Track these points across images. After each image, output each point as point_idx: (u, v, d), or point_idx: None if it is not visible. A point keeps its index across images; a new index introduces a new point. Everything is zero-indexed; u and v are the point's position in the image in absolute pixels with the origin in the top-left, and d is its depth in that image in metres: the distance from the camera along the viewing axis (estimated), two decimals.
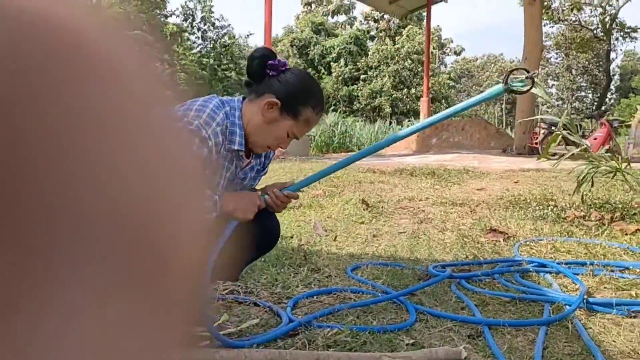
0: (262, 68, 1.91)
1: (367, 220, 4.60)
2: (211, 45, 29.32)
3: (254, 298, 2.57)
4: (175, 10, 30.98)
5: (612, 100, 44.45)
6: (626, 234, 3.84)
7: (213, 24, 30.07)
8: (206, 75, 26.29)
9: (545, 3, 28.95)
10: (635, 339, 2.08)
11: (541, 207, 4.95)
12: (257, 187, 2.18)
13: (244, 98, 2.00)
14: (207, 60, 29.32)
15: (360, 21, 41.04)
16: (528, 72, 1.90)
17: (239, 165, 1.98)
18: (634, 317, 2.32)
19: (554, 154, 12.33)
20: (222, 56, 28.81)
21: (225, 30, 29.97)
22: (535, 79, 1.86)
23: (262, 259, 3.15)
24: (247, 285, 2.77)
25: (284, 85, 1.92)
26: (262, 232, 2.10)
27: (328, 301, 2.57)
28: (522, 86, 1.89)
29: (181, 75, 25.57)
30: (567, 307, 2.39)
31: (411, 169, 8.48)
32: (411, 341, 2.06)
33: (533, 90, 1.88)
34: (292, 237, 3.86)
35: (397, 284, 2.83)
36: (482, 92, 2.18)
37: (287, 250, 3.47)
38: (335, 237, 3.93)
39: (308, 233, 4.03)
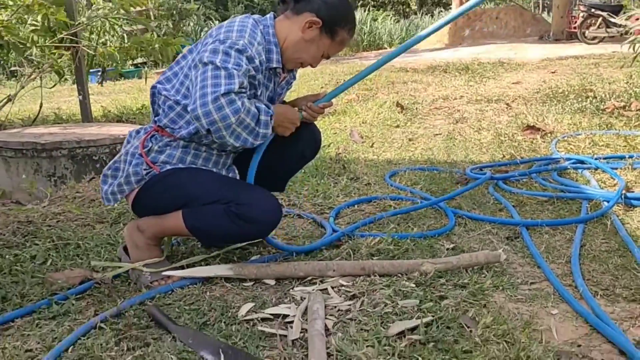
0: None
1: (402, 123, 4.61)
2: None
3: (297, 210, 2.68)
4: None
5: None
6: None
7: None
8: None
9: None
10: None
11: (579, 99, 4.86)
12: (287, 100, 2.21)
13: (274, 17, 1.99)
14: None
15: None
16: None
17: (276, 81, 2.02)
18: None
19: (594, 38, 11.81)
20: None
21: None
22: None
23: (302, 170, 3.22)
24: (290, 198, 2.87)
25: (326, 5, 1.91)
26: (303, 141, 2.15)
27: (369, 210, 2.66)
28: None
29: None
30: (605, 203, 2.43)
31: (444, 65, 8.31)
32: (451, 245, 2.14)
33: None
34: (329, 146, 3.92)
35: (436, 189, 2.90)
36: None
37: (326, 159, 3.54)
38: (372, 144, 3.98)
39: (345, 141, 4.08)
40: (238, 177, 2.06)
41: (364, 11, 18.27)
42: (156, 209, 1.91)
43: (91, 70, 8.41)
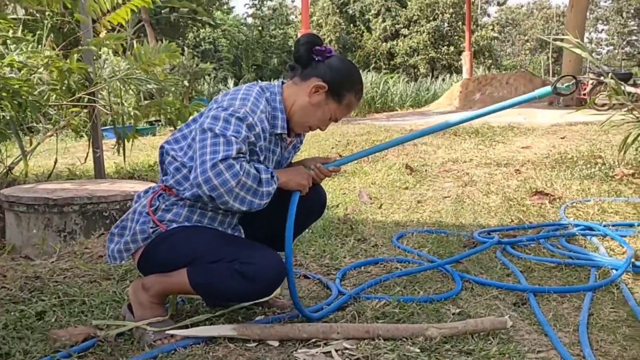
0: (309, 53, 1.97)
1: (411, 185, 4.64)
2: (258, 7, 29.07)
3: (303, 270, 2.68)
4: None
5: None
6: None
7: None
8: (247, 40, 26.18)
9: None
10: None
11: (588, 165, 4.88)
12: (294, 160, 2.26)
13: (282, 83, 2.06)
14: (246, 26, 29.18)
15: None
16: (575, 78, 2.09)
17: (282, 146, 2.06)
18: None
19: (603, 105, 11.96)
20: (268, 20, 28.54)
21: None
22: (579, 80, 2.02)
23: (310, 230, 3.24)
24: (297, 258, 2.87)
25: (331, 70, 1.98)
26: (309, 201, 2.18)
27: (375, 271, 2.65)
28: (568, 88, 2.08)
29: (222, 40, 25.58)
30: (614, 271, 2.41)
31: (455, 128, 8.38)
32: (457, 310, 2.12)
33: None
34: (337, 206, 3.94)
35: (443, 252, 2.89)
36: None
37: (334, 220, 3.56)
38: (381, 205, 3.99)
39: (353, 201, 4.10)
40: (243, 237, 2.08)
41: (377, 74, 18.65)
42: (161, 267, 1.92)
43: (106, 127, 8.61)
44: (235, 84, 16.28)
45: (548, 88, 2.06)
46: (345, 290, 2.36)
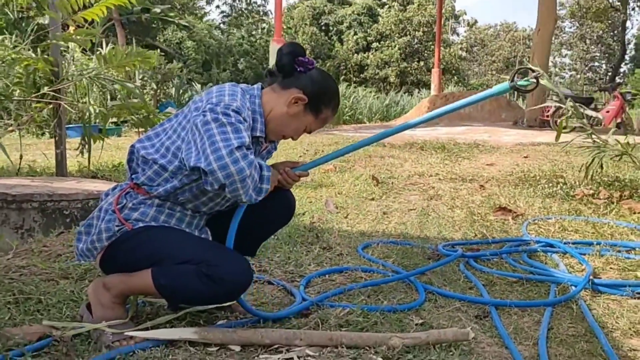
0: (292, 63, 1.96)
1: (377, 196, 4.66)
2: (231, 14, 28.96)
3: (267, 276, 2.66)
4: None
5: (626, 71, 43.76)
6: (634, 213, 3.88)
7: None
8: (216, 45, 26.03)
9: None
10: (638, 321, 2.14)
11: (550, 184, 4.98)
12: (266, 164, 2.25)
13: (261, 87, 2.05)
14: (220, 30, 29.07)
15: None
16: (533, 71, 1.99)
17: (257, 150, 2.05)
18: (638, 298, 2.38)
19: (565, 127, 12.24)
20: (241, 27, 28.46)
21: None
22: (541, 78, 1.93)
23: (275, 237, 3.23)
24: (261, 264, 2.85)
25: (312, 83, 1.97)
26: (277, 206, 2.17)
27: (340, 280, 2.64)
28: (527, 85, 1.98)
29: (187, 42, 25.30)
30: (573, 287, 2.46)
31: (421, 143, 8.49)
32: (420, 321, 2.13)
33: (541, 82, 1.93)
34: (304, 214, 3.93)
35: (407, 263, 2.90)
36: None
37: (300, 227, 3.55)
38: (347, 215, 4.00)
39: (320, 210, 4.09)
40: (210, 239, 2.05)
41: (347, 86, 18.78)
42: (125, 266, 1.88)
43: (71, 126, 8.44)
44: (202, 89, 16.15)
45: (506, 84, 1.99)
46: (309, 297, 2.35)
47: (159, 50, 11.93)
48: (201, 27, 25.90)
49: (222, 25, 28.92)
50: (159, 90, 12.54)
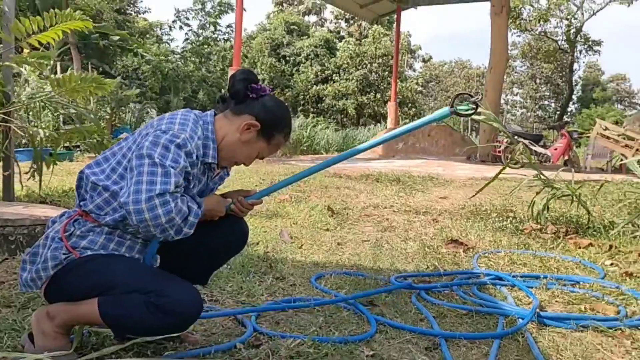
0: (245, 89, 1.98)
1: (332, 227, 4.68)
2: (190, 40, 28.83)
3: (219, 307, 2.62)
4: (148, 8, 30.58)
5: (573, 110, 45.54)
6: (579, 248, 4.01)
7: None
8: (172, 71, 25.88)
9: (513, 12, 29.55)
10: (580, 354, 2.20)
11: (501, 218, 5.10)
12: (218, 192, 2.24)
13: (214, 114, 2.05)
14: (182, 57, 28.95)
15: (331, 20, 41.19)
16: (472, 96, 2.05)
17: (210, 176, 2.04)
18: (582, 331, 2.44)
19: (516, 162, 12.59)
20: (201, 55, 28.35)
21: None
22: (480, 104, 2.00)
23: (228, 266, 3.20)
24: (213, 293, 2.82)
25: (265, 110, 1.99)
26: (231, 234, 2.16)
27: (292, 311, 2.63)
28: (467, 110, 2.04)
29: (145, 69, 25.09)
30: (520, 320, 2.51)
31: (377, 175, 8.60)
32: (371, 352, 2.14)
33: (477, 117, 2.00)
34: (258, 244, 3.91)
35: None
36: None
37: (253, 257, 3.53)
38: (301, 245, 4.00)
39: (274, 240, 4.08)
40: (158, 266, 2.02)
41: (305, 116, 18.94)
42: (71, 295, 1.83)
43: (20, 149, 8.22)
44: (159, 115, 16.03)
45: (446, 109, 2.04)
46: (260, 327, 2.33)
47: (119, 77, 11.79)
48: (157, 52, 25.74)
49: (184, 52, 28.77)
50: (114, 116, 12.37)
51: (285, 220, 4.83)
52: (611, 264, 3.59)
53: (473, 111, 2.02)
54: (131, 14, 22.79)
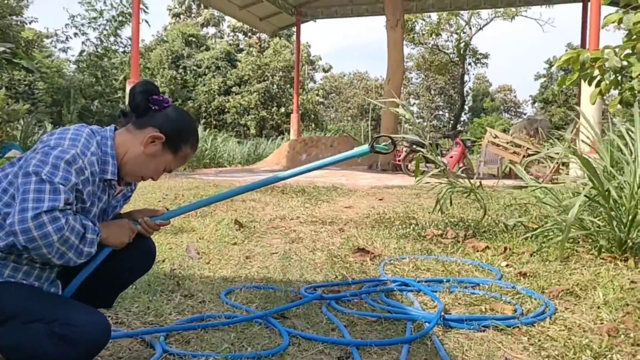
0: (146, 102, 1.92)
1: (239, 241, 4.64)
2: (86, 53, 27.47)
3: (125, 329, 2.52)
4: (35, 18, 28.91)
5: (466, 119, 47.97)
6: (477, 251, 4.21)
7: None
8: (66, 85, 24.66)
9: (408, 26, 30.76)
10: (484, 352, 2.31)
11: (404, 225, 5.27)
12: (123, 211, 2.16)
13: (115, 129, 1.98)
14: (69, 68, 27.64)
15: (229, 34, 41.04)
16: (391, 139, 2.32)
17: (111, 194, 1.97)
18: (483, 331, 2.57)
19: (414, 171, 13.06)
20: (94, 67, 27.05)
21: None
22: (397, 143, 2.21)
23: (133, 286, 3.08)
24: (118, 315, 2.71)
25: (168, 121, 1.94)
26: (137, 254, 2.08)
27: (202, 328, 2.58)
28: (385, 148, 2.27)
29: (39, 84, 23.88)
30: (427, 324, 2.60)
31: (282, 186, 8.61)
32: None
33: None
34: (164, 262, 3.80)
35: (271, 307, 2.90)
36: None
37: (160, 275, 3.43)
38: (209, 260, 3.93)
39: (180, 256, 3.99)
40: (61, 293, 1.92)
41: (204, 130, 18.69)
42: None
43: None
44: (53, 129, 15.21)
45: (366, 147, 2.19)
46: (170, 348, 2.26)
47: (3, 89, 11.09)
48: (49, 65, 24.48)
49: (78, 62, 27.43)
50: (1, 132, 11.61)
51: (192, 236, 4.74)
52: (506, 265, 3.80)
53: (391, 150, 2.28)
54: (17, 24, 21.50)
